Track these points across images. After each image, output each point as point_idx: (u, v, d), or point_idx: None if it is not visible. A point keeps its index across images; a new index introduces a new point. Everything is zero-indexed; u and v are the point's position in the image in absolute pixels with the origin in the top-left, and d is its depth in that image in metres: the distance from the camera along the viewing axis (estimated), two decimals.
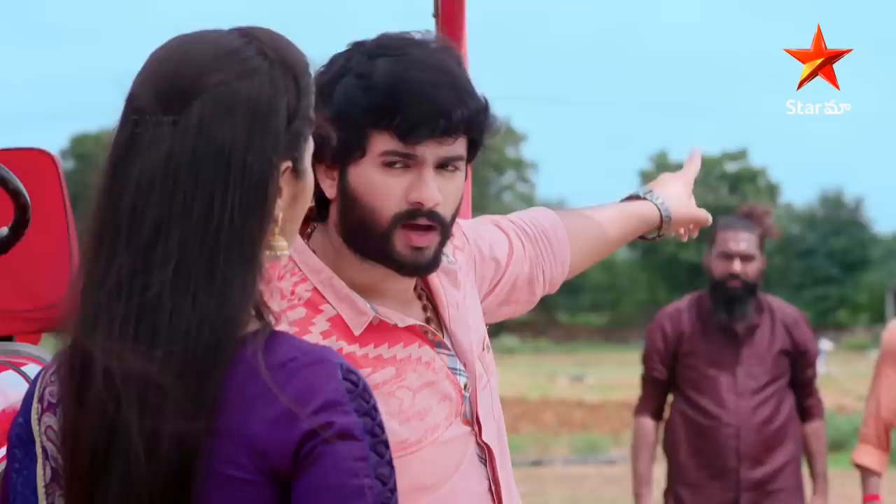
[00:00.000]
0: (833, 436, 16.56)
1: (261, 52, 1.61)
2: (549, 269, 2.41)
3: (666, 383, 5.29)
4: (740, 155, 56.32)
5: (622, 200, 2.60)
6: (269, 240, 1.60)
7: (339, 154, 2.04)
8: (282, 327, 1.95)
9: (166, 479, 1.51)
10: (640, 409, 5.34)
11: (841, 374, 28.31)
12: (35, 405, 1.64)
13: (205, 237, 1.54)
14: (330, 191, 2.08)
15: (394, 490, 1.54)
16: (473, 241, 2.32)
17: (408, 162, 2.05)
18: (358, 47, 2.10)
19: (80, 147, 53.00)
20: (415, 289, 2.18)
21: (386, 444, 1.55)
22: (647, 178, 56.60)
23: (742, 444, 5.14)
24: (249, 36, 1.63)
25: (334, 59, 2.11)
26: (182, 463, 1.51)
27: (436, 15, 2.87)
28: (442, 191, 2.06)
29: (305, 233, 2.15)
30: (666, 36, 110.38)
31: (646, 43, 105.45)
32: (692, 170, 2.65)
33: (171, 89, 1.58)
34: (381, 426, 1.54)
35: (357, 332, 2.07)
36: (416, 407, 2.08)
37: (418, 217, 2.06)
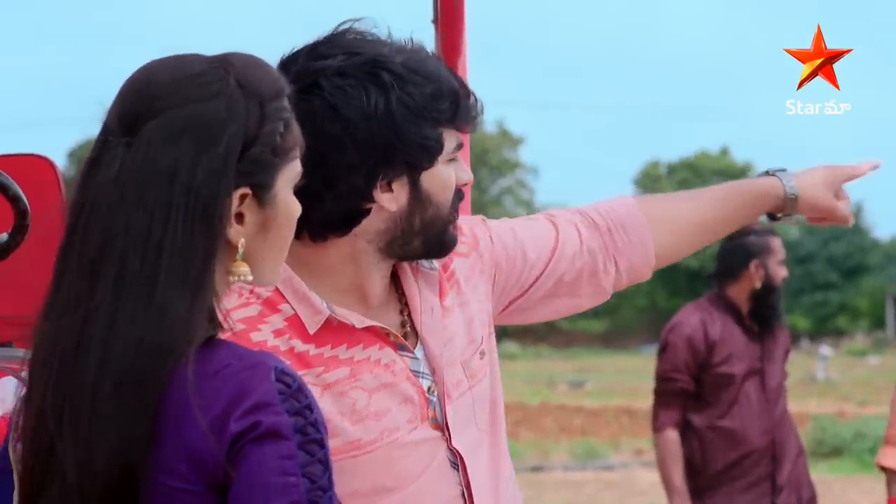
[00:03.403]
0: (833, 442, 16.53)
1: (224, 77, 1.63)
2: (625, 258, 2.42)
3: (690, 395, 5.26)
4: (723, 153, 56.39)
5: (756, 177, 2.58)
6: (229, 265, 1.63)
7: (419, 161, 2.09)
8: (228, 325, 1.99)
9: (104, 496, 1.52)
10: (665, 421, 5.26)
11: (841, 380, 28.30)
12: (11, 434, 1.68)
13: (145, 256, 1.56)
14: (391, 205, 2.09)
15: (326, 489, 1.54)
16: (490, 245, 2.31)
17: (459, 151, 2.16)
18: (381, 60, 2.09)
19: (87, 152, 53.14)
20: (396, 291, 2.19)
21: (320, 444, 1.55)
22: (638, 184, 56.72)
23: (776, 449, 5.20)
24: (221, 61, 1.65)
25: (361, 84, 2.07)
26: (122, 477, 1.52)
27: (435, 20, 2.87)
28: None
29: None
30: (666, 40, 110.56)
31: (646, 47, 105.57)
32: (850, 171, 2.56)
33: (130, 112, 1.62)
34: (314, 426, 1.55)
35: (311, 331, 2.09)
36: (371, 407, 2.09)
37: (461, 197, 2.18)
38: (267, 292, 2.10)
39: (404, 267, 2.19)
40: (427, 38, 2.84)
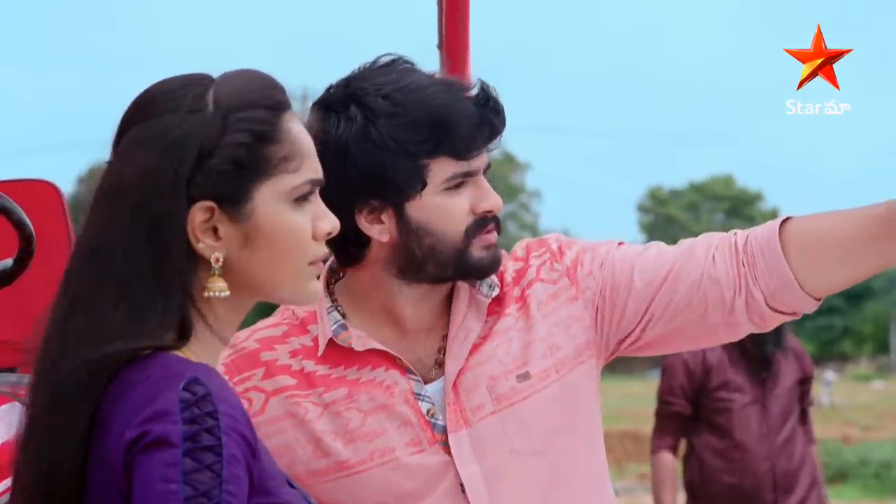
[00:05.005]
0: (837, 467, 16.50)
1: (191, 92, 1.63)
2: (763, 286, 2.14)
3: (687, 418, 5.26)
4: (730, 180, 56.49)
5: None
6: (205, 280, 1.61)
7: (395, 194, 2.08)
8: (247, 344, 2.14)
9: None
10: (659, 444, 5.28)
11: (845, 405, 28.22)
12: None
13: (97, 271, 1.58)
14: (382, 235, 2.11)
15: (213, 497, 1.48)
16: (598, 272, 2.22)
17: (466, 178, 2.11)
18: (356, 94, 2.10)
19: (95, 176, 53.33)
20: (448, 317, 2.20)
21: (215, 451, 1.50)
22: (642, 209, 56.76)
23: (777, 476, 5.15)
24: (204, 77, 1.65)
25: (335, 116, 2.10)
26: (61, 491, 1.54)
27: (440, 46, 2.88)
28: None
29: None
30: (670, 65, 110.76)
31: (650, 72, 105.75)
32: None
33: (117, 131, 1.64)
34: (211, 433, 1.50)
35: (319, 352, 2.14)
36: (365, 428, 2.12)
37: (488, 224, 2.14)
38: (304, 312, 2.16)
39: (460, 293, 2.19)
40: (432, 63, 2.85)
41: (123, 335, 1.55)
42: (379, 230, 2.11)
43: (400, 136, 2.07)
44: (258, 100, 1.64)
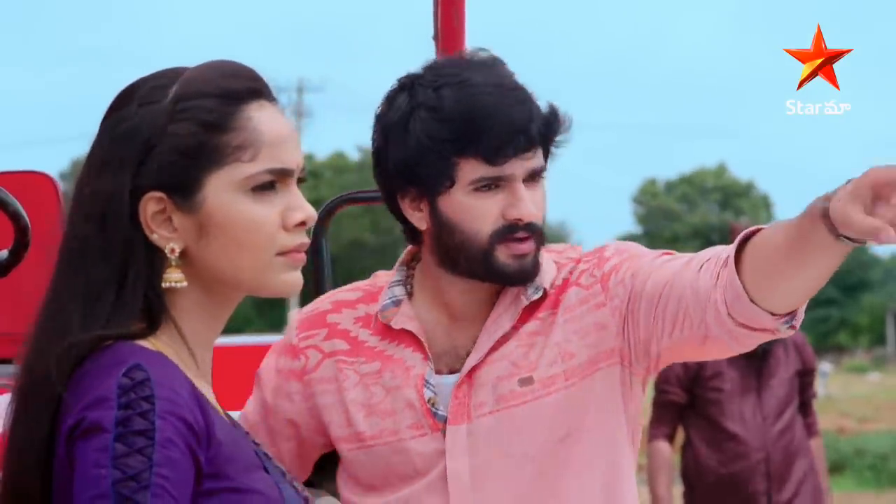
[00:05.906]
0: (833, 458, 16.50)
1: (151, 84, 1.62)
2: (725, 300, 2.01)
3: (682, 407, 5.28)
4: (721, 170, 56.41)
5: None
6: (163, 271, 1.60)
7: (426, 187, 2.12)
8: (321, 305, 2.24)
9: (23, 495, 1.56)
10: (655, 432, 5.30)
11: (841, 397, 28.24)
12: None
13: (62, 262, 1.60)
14: (420, 223, 2.16)
15: (143, 480, 1.47)
16: (629, 280, 2.16)
17: (498, 182, 2.11)
18: (417, 80, 2.14)
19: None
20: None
21: (147, 435, 1.48)
22: (637, 202, 56.71)
23: (771, 467, 5.15)
24: (173, 71, 1.64)
25: (394, 97, 2.16)
26: (31, 486, 1.56)
27: (435, 38, 2.87)
28: (532, 202, 2.13)
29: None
30: (666, 59, 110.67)
31: (646, 66, 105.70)
32: (872, 173, 1.80)
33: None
34: (146, 416, 1.49)
35: (372, 323, 2.22)
36: (382, 405, 2.18)
37: (517, 231, 2.13)
38: (384, 281, 2.25)
39: (508, 288, 2.19)
40: (428, 54, 2.85)
41: (80, 326, 1.55)
42: (418, 218, 2.17)
43: (433, 131, 2.09)
44: (209, 89, 1.61)
